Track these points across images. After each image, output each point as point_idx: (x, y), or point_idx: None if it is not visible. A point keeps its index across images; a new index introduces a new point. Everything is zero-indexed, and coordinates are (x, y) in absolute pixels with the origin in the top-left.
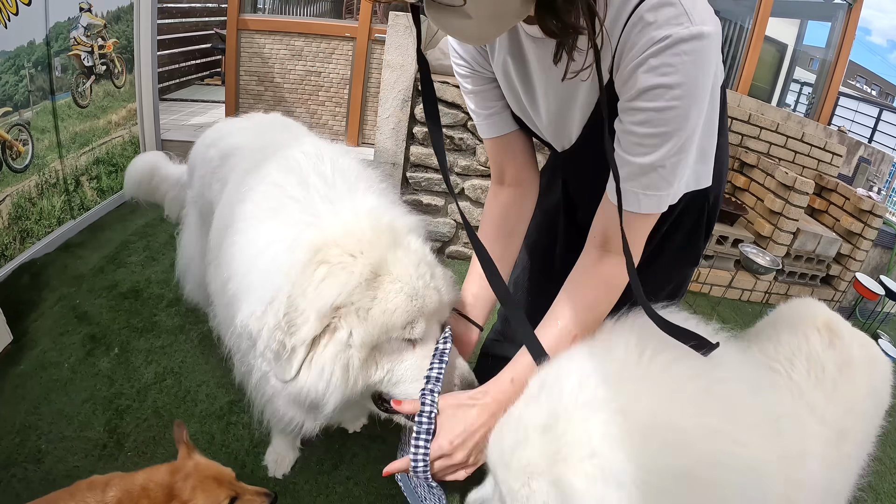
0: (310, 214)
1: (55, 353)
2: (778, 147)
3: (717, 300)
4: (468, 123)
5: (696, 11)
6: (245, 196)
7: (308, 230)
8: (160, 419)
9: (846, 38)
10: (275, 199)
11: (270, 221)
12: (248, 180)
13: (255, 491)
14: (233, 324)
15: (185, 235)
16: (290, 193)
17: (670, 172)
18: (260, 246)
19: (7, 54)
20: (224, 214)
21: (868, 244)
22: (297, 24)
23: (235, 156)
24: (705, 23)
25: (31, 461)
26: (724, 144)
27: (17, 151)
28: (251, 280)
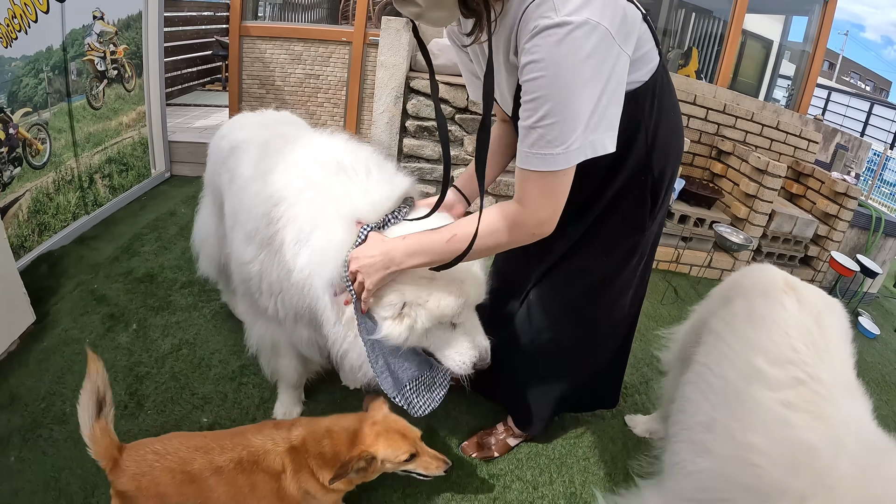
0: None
1: (76, 330)
2: (754, 135)
3: (697, 280)
4: (456, 117)
5: (565, 6)
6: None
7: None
8: (177, 382)
9: (823, 31)
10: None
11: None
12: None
13: (435, 455)
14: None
15: (201, 216)
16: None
17: (550, 134)
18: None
19: (28, 59)
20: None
21: (844, 225)
22: (296, 30)
23: (241, 148)
24: (573, 14)
25: (57, 423)
26: (672, 126)
27: (37, 149)
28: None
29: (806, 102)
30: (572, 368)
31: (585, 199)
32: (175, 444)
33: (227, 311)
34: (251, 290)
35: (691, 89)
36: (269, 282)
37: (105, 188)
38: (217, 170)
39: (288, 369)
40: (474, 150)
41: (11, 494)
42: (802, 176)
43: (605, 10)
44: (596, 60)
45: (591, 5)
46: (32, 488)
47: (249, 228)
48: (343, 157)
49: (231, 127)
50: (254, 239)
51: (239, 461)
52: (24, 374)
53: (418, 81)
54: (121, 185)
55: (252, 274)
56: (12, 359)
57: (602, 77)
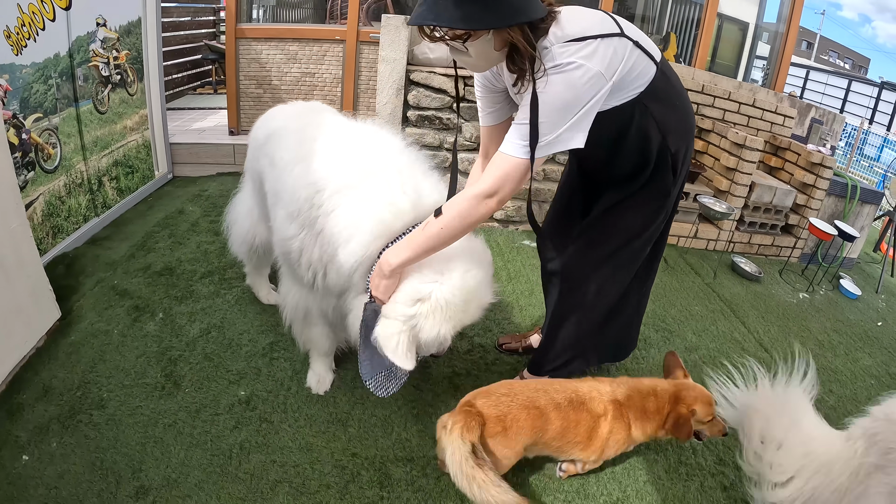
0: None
1: (102, 323)
2: (732, 113)
3: (685, 250)
4: (453, 105)
5: (564, 55)
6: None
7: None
8: (210, 362)
9: (795, 11)
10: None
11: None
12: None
13: (721, 421)
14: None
15: (240, 196)
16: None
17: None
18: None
19: (37, 65)
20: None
21: (821, 194)
22: (291, 31)
23: (278, 135)
24: (566, 57)
25: (96, 408)
26: (679, 114)
27: (48, 154)
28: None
29: (781, 80)
30: (605, 313)
31: (622, 173)
32: (516, 387)
33: (250, 296)
34: (291, 261)
35: None
36: (308, 258)
37: (113, 190)
38: (256, 155)
39: (319, 337)
40: (477, 137)
41: (57, 478)
42: (780, 150)
43: (594, 56)
44: (572, 91)
45: (590, 55)
46: (78, 470)
47: (292, 209)
48: (384, 156)
49: (267, 117)
50: (296, 218)
51: (571, 400)
52: (54, 367)
53: (417, 74)
54: (127, 187)
55: (293, 248)
56: (41, 354)
57: (561, 102)
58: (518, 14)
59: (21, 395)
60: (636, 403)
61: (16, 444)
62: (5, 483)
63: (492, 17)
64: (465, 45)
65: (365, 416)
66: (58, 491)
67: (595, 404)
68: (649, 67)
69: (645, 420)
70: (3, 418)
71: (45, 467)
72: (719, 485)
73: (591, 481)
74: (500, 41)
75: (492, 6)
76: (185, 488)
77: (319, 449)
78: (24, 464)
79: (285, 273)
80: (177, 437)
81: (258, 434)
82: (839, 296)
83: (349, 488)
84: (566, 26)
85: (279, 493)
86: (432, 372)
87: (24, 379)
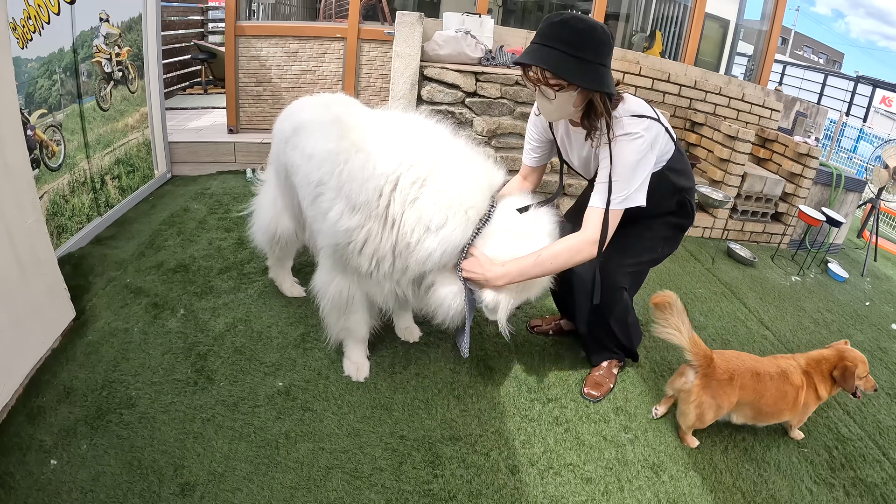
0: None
1: (120, 322)
2: (722, 107)
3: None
4: (466, 100)
5: (631, 126)
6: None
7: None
8: (242, 355)
9: (778, 8)
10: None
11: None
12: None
13: (872, 379)
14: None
15: (264, 188)
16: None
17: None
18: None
19: (42, 60)
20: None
21: (808, 182)
22: (292, 28)
23: (308, 127)
24: (632, 127)
25: (125, 407)
26: (684, 170)
27: (52, 151)
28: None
29: (766, 76)
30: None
31: (653, 207)
32: (743, 356)
33: (272, 290)
34: (349, 252)
35: (665, 68)
36: (374, 247)
37: (115, 189)
38: (282, 148)
39: (359, 323)
40: (489, 131)
41: (92, 480)
42: (768, 141)
43: (650, 131)
44: (638, 153)
45: (648, 129)
46: (114, 471)
47: (357, 200)
48: (444, 143)
49: (292, 110)
50: (360, 210)
51: (780, 372)
52: (73, 368)
53: (431, 69)
54: (129, 186)
55: (355, 239)
56: (58, 355)
57: (640, 160)
58: (604, 85)
59: (41, 398)
60: (816, 370)
61: (41, 449)
62: (34, 490)
63: (587, 79)
64: (555, 93)
65: (408, 400)
66: (94, 494)
67: (794, 376)
68: (670, 145)
69: (823, 381)
70: (24, 423)
71: (77, 471)
72: (741, 448)
73: (628, 449)
74: (580, 100)
75: (588, 71)
76: (233, 481)
77: (367, 434)
78: (52, 469)
79: (329, 263)
80: (217, 431)
81: (302, 423)
82: (828, 279)
83: (402, 469)
84: (630, 105)
85: (332, 478)
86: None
87: (42, 381)
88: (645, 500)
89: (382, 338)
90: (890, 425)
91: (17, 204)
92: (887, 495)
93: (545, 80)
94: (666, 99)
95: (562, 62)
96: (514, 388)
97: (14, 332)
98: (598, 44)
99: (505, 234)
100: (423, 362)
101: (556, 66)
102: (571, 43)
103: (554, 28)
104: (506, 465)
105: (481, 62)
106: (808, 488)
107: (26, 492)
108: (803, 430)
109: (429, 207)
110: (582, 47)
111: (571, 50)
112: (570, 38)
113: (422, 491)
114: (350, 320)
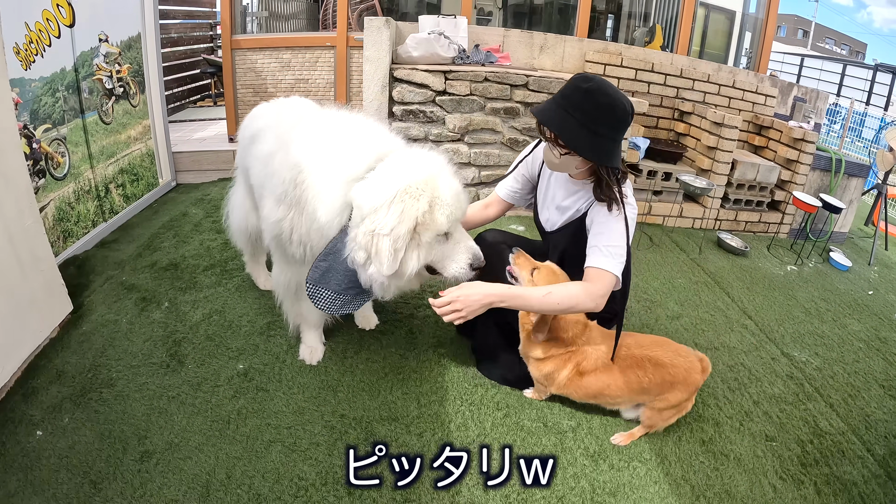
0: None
1: (112, 314)
2: (712, 95)
3: (671, 229)
4: (436, 99)
5: (628, 194)
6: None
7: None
8: (212, 342)
9: None
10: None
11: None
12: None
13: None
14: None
15: (233, 191)
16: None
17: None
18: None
19: (45, 79)
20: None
21: (805, 168)
22: (284, 40)
23: (260, 133)
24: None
25: (105, 386)
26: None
27: (57, 162)
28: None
29: (764, 62)
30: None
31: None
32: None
33: (249, 283)
34: (283, 242)
35: (648, 58)
36: (299, 234)
37: (119, 197)
38: (243, 154)
39: (309, 309)
40: (460, 128)
41: (68, 448)
42: (763, 128)
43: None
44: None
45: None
46: (87, 440)
47: (279, 192)
48: (345, 128)
49: (252, 118)
50: (283, 201)
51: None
52: (67, 354)
53: (401, 71)
54: (133, 194)
55: (284, 229)
56: (55, 343)
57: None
58: (610, 160)
59: (36, 380)
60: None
61: (30, 423)
62: (20, 456)
63: (594, 154)
64: (561, 156)
65: (354, 383)
66: (69, 459)
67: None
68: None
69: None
70: (19, 401)
71: (58, 440)
72: (697, 439)
73: (569, 436)
74: (583, 164)
75: (597, 146)
76: (185, 451)
77: (311, 412)
78: (38, 438)
79: (276, 256)
80: (179, 407)
81: (254, 402)
82: (829, 268)
83: (337, 445)
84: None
85: (272, 451)
86: (418, 341)
87: (39, 366)
88: (578, 488)
89: (342, 326)
90: (880, 419)
91: (17, 208)
92: (867, 494)
93: (555, 140)
94: (651, 89)
95: (575, 132)
96: (459, 374)
97: (13, 323)
98: (616, 122)
99: (378, 177)
100: (375, 348)
101: (568, 137)
102: (590, 115)
103: (578, 95)
104: (437, 445)
105: (454, 62)
106: (772, 484)
107: (13, 457)
108: (775, 423)
109: (315, 186)
110: (598, 122)
111: (588, 121)
112: (590, 111)
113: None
114: (302, 307)
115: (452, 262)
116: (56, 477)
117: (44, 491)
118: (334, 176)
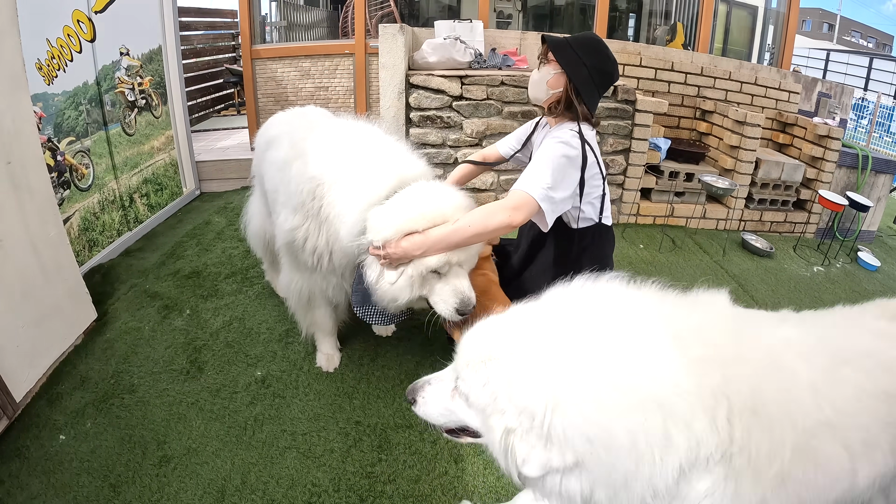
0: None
1: (135, 322)
2: (735, 93)
3: (693, 231)
4: (453, 104)
5: (567, 135)
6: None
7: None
8: (231, 349)
9: None
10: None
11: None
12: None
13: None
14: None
15: (252, 199)
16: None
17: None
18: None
19: (68, 93)
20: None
21: (831, 166)
22: (302, 48)
23: (276, 140)
24: (567, 136)
25: (127, 392)
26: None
27: (81, 174)
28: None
29: (787, 57)
30: None
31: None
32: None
33: (269, 291)
34: (295, 249)
35: (668, 57)
36: (314, 244)
37: (144, 206)
38: (259, 161)
39: (323, 318)
40: (478, 133)
41: (90, 452)
42: (787, 126)
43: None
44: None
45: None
46: (109, 445)
47: (296, 202)
48: (366, 144)
49: (267, 126)
50: (300, 210)
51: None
52: (91, 361)
53: (417, 77)
54: (157, 203)
55: (297, 237)
56: (79, 350)
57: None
58: (579, 79)
59: (60, 385)
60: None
61: (54, 427)
62: (43, 459)
63: (569, 68)
64: (540, 65)
65: (370, 390)
66: (90, 463)
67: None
68: (599, 180)
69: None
70: (44, 406)
71: (80, 444)
72: None
73: None
74: (554, 82)
75: (574, 63)
76: (203, 456)
77: (326, 419)
78: (60, 442)
79: (287, 263)
80: (198, 413)
81: (271, 408)
82: (857, 268)
83: (351, 452)
84: (585, 129)
85: (287, 457)
86: (434, 349)
87: (64, 372)
88: None
89: (358, 332)
90: None
91: (41, 219)
92: None
93: (545, 53)
94: (672, 88)
95: (564, 49)
96: None
97: (38, 330)
98: (601, 61)
99: (394, 205)
100: (391, 355)
101: (555, 45)
102: (584, 48)
103: (583, 36)
104: (450, 454)
105: (471, 66)
106: None
107: (37, 461)
108: None
109: (338, 204)
110: (586, 53)
111: (577, 47)
112: (585, 43)
113: (364, 472)
114: (315, 315)
115: (442, 301)
116: (77, 480)
117: (65, 494)
118: (357, 198)
